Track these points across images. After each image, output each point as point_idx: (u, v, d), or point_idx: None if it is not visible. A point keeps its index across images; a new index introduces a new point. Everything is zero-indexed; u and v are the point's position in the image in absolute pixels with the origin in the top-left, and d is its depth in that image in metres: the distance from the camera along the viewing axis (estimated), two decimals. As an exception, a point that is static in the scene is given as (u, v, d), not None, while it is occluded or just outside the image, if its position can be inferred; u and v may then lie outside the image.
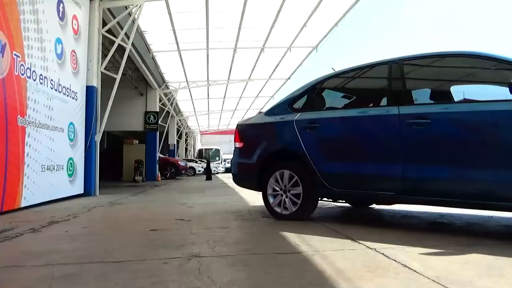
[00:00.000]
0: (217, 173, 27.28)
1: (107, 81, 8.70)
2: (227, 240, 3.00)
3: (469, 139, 2.94)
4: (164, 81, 16.82)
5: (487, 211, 3.90)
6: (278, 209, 4.00)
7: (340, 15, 10.96)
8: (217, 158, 34.08)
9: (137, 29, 9.68)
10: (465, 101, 3.33)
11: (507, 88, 2.68)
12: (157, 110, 16.55)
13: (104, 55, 8.56)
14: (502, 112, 2.80)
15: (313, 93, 4.12)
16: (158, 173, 16.23)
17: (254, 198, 6.38)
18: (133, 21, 8.94)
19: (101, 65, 8.27)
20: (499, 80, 3.08)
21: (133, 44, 10.12)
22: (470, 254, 2.38)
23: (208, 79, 17.28)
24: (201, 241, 2.96)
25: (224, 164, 33.46)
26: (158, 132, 16.61)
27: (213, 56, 14.07)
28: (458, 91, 3.44)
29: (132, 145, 16.35)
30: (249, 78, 17.26)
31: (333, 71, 4.14)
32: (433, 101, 3.45)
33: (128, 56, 9.63)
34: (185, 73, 16.06)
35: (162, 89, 17.04)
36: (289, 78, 17.89)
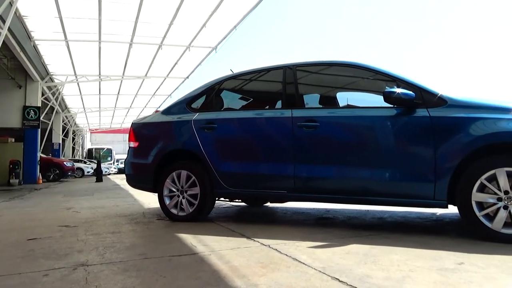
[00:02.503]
0: (109, 174, 25.65)
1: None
2: (118, 245, 2.83)
3: (350, 141, 3.27)
4: (48, 73, 15.18)
5: (365, 205, 4.38)
6: (174, 211, 3.91)
7: (239, 18, 11.23)
8: (109, 159, 32.14)
9: (15, 12, 8.55)
10: (349, 106, 3.68)
11: (382, 96, 3.04)
12: (39, 105, 14.87)
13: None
14: (377, 117, 3.18)
15: (211, 94, 4.14)
16: (40, 175, 14.57)
17: (149, 199, 6.14)
18: (11, 3, 7.88)
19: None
20: (376, 89, 3.48)
21: (9, 29, 8.92)
22: (350, 245, 2.64)
23: (100, 74, 16.11)
24: (89, 248, 2.73)
25: (117, 164, 31.69)
26: (39, 130, 14.90)
27: (106, 50, 13.17)
28: (343, 97, 3.80)
29: (7, 143, 14.30)
30: (146, 75, 16.60)
31: (232, 73, 4.21)
32: (321, 106, 3.76)
33: (4, 43, 8.46)
34: (73, 66, 14.72)
35: (46, 82, 15.36)
36: (187, 77, 17.69)
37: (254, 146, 3.69)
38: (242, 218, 4.28)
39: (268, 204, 5.16)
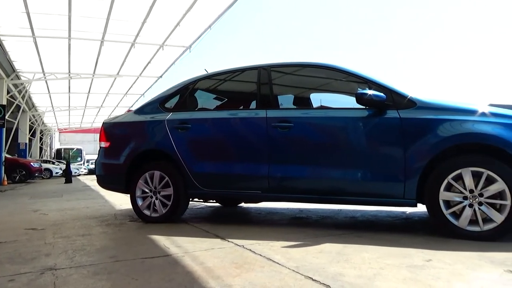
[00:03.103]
0: (79, 175, 24.95)
1: None
2: (89, 248, 2.75)
3: (324, 142, 3.31)
4: (14, 70, 14.60)
5: (338, 205, 4.45)
6: (147, 212, 3.84)
7: (214, 18, 11.17)
8: (78, 159, 31.27)
9: (-23, 5, 8.18)
10: (322, 107, 3.73)
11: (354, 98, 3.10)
12: (4, 103, 14.27)
13: None
14: (350, 118, 3.24)
15: (185, 93, 4.09)
16: (4, 176, 13.98)
17: (121, 201, 6.01)
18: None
19: None
20: (349, 90, 3.55)
21: (-29, 23, 8.52)
22: (323, 244, 2.67)
23: (69, 72, 15.63)
24: (58, 252, 2.65)
25: (87, 165, 30.86)
26: (4, 129, 14.31)
27: (76, 47, 12.79)
28: (317, 98, 3.85)
29: (-32, 143, 13.67)
30: (118, 73, 16.24)
31: (206, 73, 4.18)
32: (295, 106, 3.79)
33: (-35, 37, 8.06)
34: (41, 63, 14.22)
35: (12, 79, 14.77)
36: (161, 76, 17.44)
37: (229, 146, 3.68)
38: (216, 219, 4.25)
39: (243, 204, 5.16)
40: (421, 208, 3.15)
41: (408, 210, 4.24)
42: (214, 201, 4.99)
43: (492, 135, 2.73)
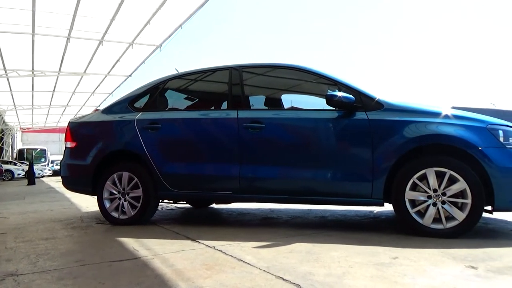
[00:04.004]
0: (43, 176, 24.01)
1: None
2: (53, 252, 2.65)
3: (294, 142, 3.35)
4: (-29, 66, 13.86)
5: (308, 205, 4.51)
6: (115, 214, 3.75)
7: (185, 16, 11.04)
8: (42, 160, 30.08)
9: None
10: (293, 108, 3.77)
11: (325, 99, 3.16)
12: (-40, 101, 13.52)
13: None
14: (320, 119, 3.29)
15: (155, 93, 4.03)
16: (-39, 178, 13.26)
17: (87, 203, 5.83)
18: None
19: None
20: (319, 92, 3.60)
21: None
22: (294, 244, 2.70)
23: (33, 69, 14.99)
24: (20, 257, 2.54)
25: (52, 166, 29.73)
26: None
27: (40, 43, 12.29)
28: (288, 99, 3.89)
29: None
30: (85, 72, 15.74)
31: (177, 72, 4.13)
32: (267, 107, 3.81)
33: None
34: (2, 59, 13.56)
35: (-31, 75, 14.01)
36: (130, 75, 17.05)
37: (199, 147, 3.65)
38: (187, 220, 4.21)
39: (214, 205, 5.13)
40: (388, 207, 3.25)
41: (376, 209, 4.35)
42: (185, 202, 4.93)
43: (454, 136, 2.85)
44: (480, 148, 2.78)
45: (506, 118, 3.66)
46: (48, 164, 30.03)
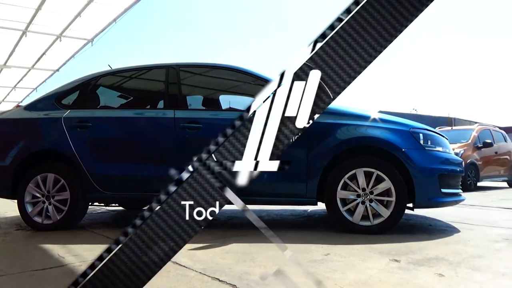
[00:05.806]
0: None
1: None
2: (-37, 262, 2.39)
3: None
4: None
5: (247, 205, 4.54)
6: (38, 219, 3.46)
7: (120, 11, 10.58)
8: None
9: None
10: (231, 109, 3.78)
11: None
12: None
13: None
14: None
15: (86, 90, 3.80)
16: None
17: (5, 207, 5.32)
18: None
19: None
20: (256, 93, 3.64)
21: None
22: (230, 245, 2.71)
23: None
24: None
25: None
26: None
27: (-49, 30, 11.05)
28: (226, 100, 3.89)
29: None
30: (5, 64, 14.41)
31: (110, 69, 3.95)
32: (204, 108, 3.77)
33: None
34: None
35: None
36: (58, 70, 15.92)
37: (134, 147, 3.51)
38: (119, 224, 4.03)
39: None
40: (321, 206, 3.38)
41: (310, 208, 4.51)
42: (117, 204, 4.72)
43: (381, 138, 3.06)
44: (403, 149, 3.00)
45: (425, 122, 4.02)
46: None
